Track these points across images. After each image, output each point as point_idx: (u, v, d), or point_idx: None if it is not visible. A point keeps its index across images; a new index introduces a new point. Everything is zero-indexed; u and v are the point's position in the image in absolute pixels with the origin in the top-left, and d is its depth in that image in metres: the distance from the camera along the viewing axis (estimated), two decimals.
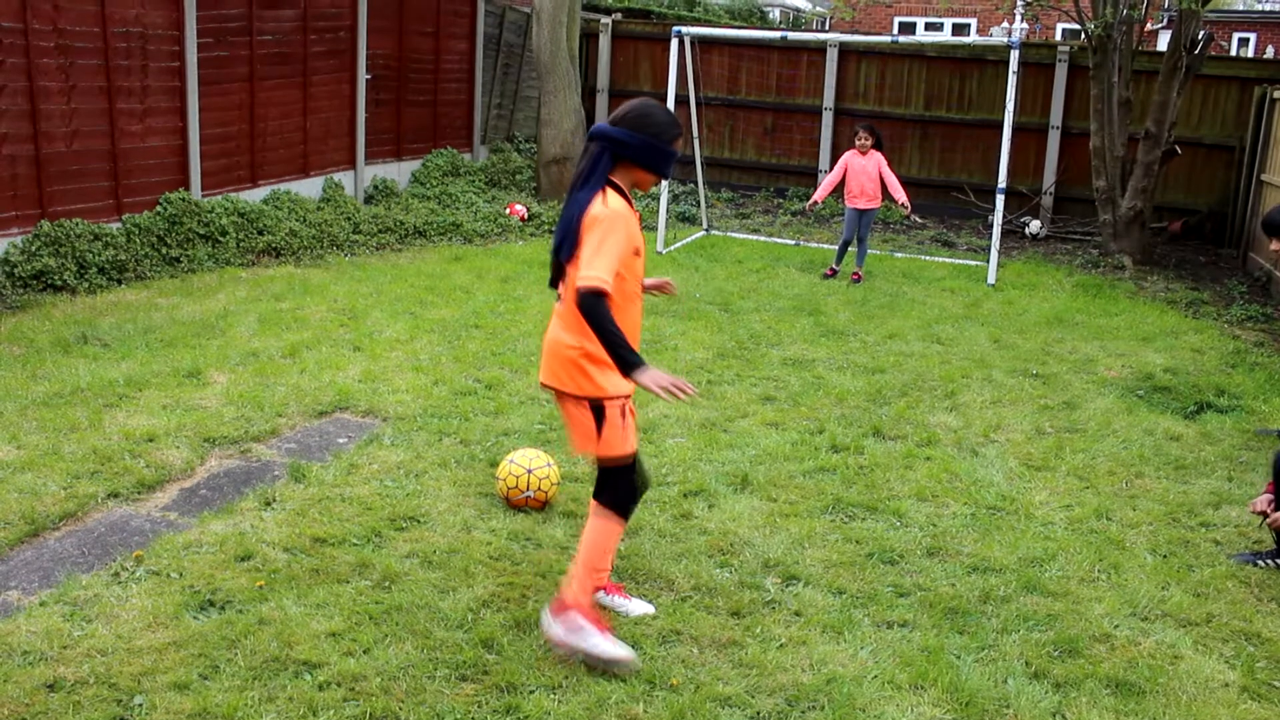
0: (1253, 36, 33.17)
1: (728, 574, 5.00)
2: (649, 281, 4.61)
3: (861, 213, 11.30)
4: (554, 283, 4.26)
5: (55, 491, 5.43)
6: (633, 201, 4.20)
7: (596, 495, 4.34)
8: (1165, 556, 5.42)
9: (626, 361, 3.95)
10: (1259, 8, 33.73)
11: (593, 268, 3.93)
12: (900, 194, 11.13)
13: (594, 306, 3.89)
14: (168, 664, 4.06)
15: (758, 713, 4.00)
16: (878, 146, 11.32)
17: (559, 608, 4.24)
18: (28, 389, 6.81)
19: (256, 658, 4.12)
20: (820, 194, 11.69)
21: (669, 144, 4.18)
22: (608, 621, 4.36)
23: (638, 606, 4.61)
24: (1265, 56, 29.64)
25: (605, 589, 4.57)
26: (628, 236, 4.04)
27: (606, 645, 4.18)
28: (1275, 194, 12.36)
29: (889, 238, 14.15)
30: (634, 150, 4.12)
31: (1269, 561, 5.32)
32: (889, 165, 11.31)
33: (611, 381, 4.16)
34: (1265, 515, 5.33)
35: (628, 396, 4.25)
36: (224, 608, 4.48)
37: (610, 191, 4.10)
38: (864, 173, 11.24)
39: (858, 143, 11.33)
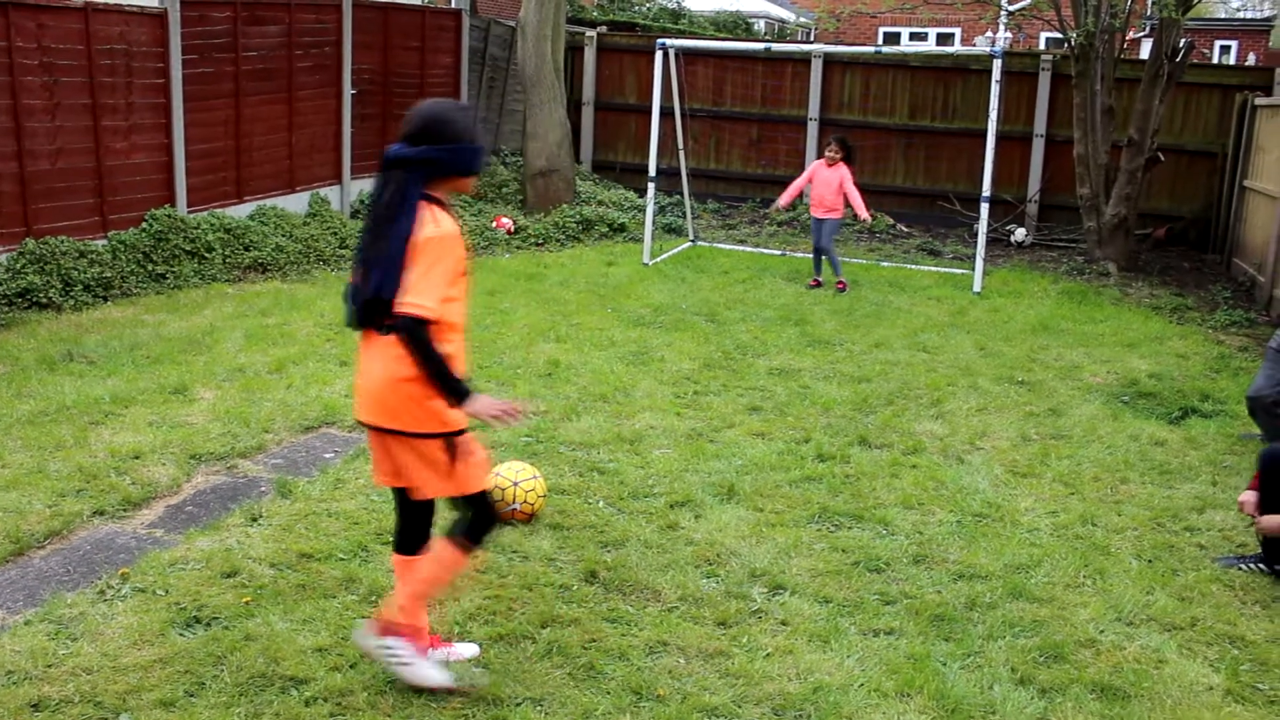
0: (1234, 44, 33.35)
1: (714, 584, 5.01)
2: None
3: (820, 222, 11.38)
4: (372, 323, 3.87)
5: (40, 510, 5.41)
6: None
7: (462, 531, 4.01)
8: (1150, 561, 5.44)
9: (457, 392, 3.76)
10: (1240, 15, 33.93)
11: (418, 294, 3.68)
12: (860, 210, 11.21)
13: (418, 335, 3.68)
14: (154, 681, 4.06)
15: None
16: (848, 160, 11.37)
17: (384, 629, 4.06)
18: (13, 407, 6.79)
19: (243, 674, 4.12)
20: (784, 198, 11.83)
21: (475, 138, 3.91)
22: (427, 641, 4.17)
23: (464, 649, 4.31)
24: (1247, 64, 29.81)
25: (434, 644, 4.22)
26: (457, 260, 3.81)
27: (430, 673, 4.05)
28: (1258, 199, 12.44)
29: (875, 246, 14.20)
30: (449, 165, 3.85)
31: (1253, 565, 5.35)
32: (853, 179, 11.34)
33: (456, 413, 3.89)
34: (1255, 518, 5.36)
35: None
36: (210, 624, 4.47)
37: (437, 210, 3.82)
38: (825, 184, 11.32)
39: (827, 153, 11.43)
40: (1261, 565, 5.33)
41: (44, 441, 6.27)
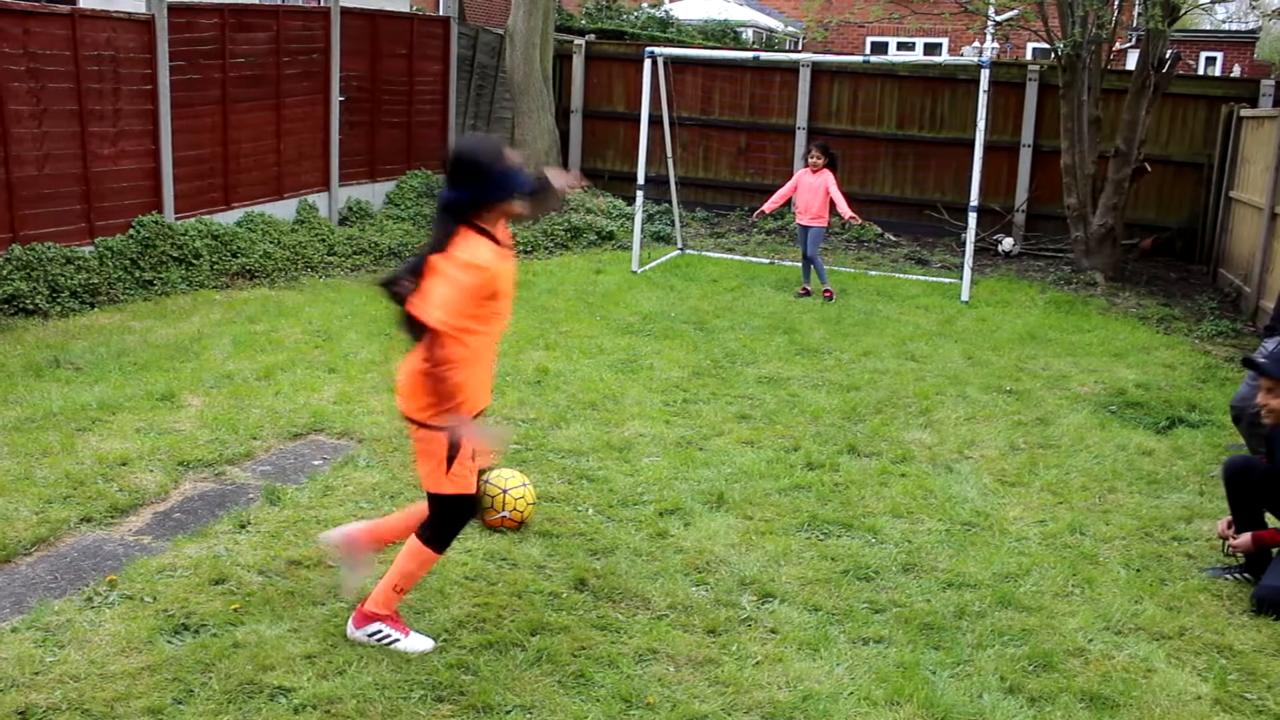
0: (1219, 56, 33.54)
1: (704, 592, 5.01)
2: None
3: (806, 229, 11.42)
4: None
5: (27, 516, 5.39)
6: (503, 240, 4.22)
7: (421, 528, 4.35)
8: (1138, 570, 5.46)
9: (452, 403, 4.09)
10: (1226, 27, 34.13)
11: (437, 307, 3.98)
12: (845, 210, 11.25)
13: (434, 341, 3.99)
14: (141, 689, 4.04)
15: None
16: (830, 166, 11.41)
17: (364, 618, 4.40)
18: None
19: (231, 681, 4.10)
20: (769, 205, 11.85)
21: (505, 164, 4.13)
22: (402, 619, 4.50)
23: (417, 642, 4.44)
24: (1232, 75, 29.97)
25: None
26: (484, 286, 4.06)
27: (412, 644, 4.38)
28: (1243, 211, 12.50)
29: (863, 255, 14.23)
30: (486, 199, 4.11)
31: (1240, 575, 5.37)
32: (837, 184, 11.39)
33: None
34: (1226, 540, 5.40)
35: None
36: (198, 631, 4.46)
37: (481, 239, 4.10)
38: (810, 190, 11.37)
39: (810, 160, 11.48)
40: (1247, 575, 5.35)
41: (31, 448, 6.24)
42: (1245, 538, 5.29)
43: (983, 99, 11.46)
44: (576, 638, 4.54)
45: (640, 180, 12.65)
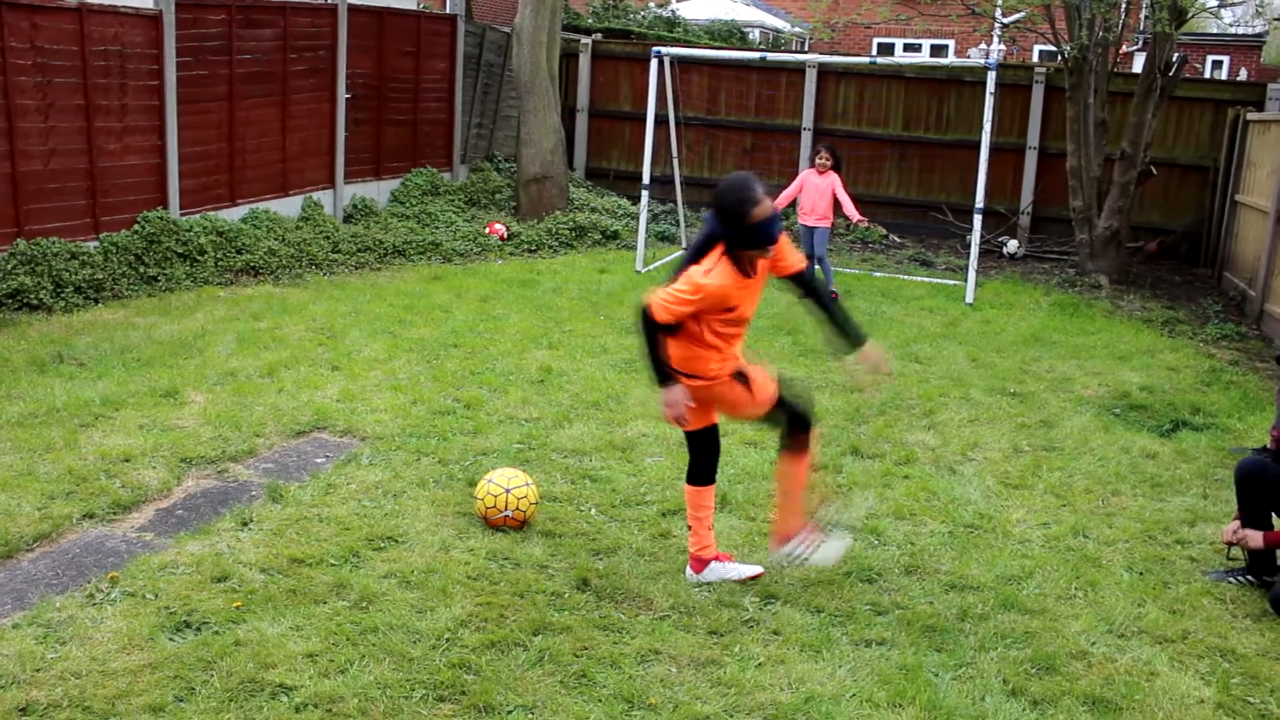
0: (1226, 59, 33.51)
1: (706, 593, 5.00)
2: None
3: (811, 230, 11.39)
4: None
5: (29, 512, 5.39)
6: (750, 270, 4.79)
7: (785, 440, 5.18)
8: (1141, 574, 5.45)
9: (658, 374, 4.83)
10: (1232, 31, 34.09)
11: (657, 295, 4.70)
12: (852, 212, 11.22)
13: (642, 318, 4.70)
14: (143, 686, 4.03)
15: None
16: (836, 167, 11.40)
17: (780, 540, 5.11)
18: (2, 409, 6.76)
19: (233, 679, 4.10)
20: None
21: (753, 219, 4.64)
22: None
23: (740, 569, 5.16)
24: (1238, 79, 29.93)
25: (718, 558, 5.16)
26: (704, 301, 4.66)
27: (733, 570, 5.10)
28: (1249, 214, 12.48)
29: (868, 257, 14.21)
30: (732, 242, 4.72)
31: (1243, 578, 5.36)
32: (843, 185, 11.37)
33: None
34: (1232, 545, 5.36)
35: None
36: (200, 629, 4.45)
37: (724, 263, 4.72)
38: (816, 191, 11.34)
39: (817, 161, 11.45)
40: (1250, 578, 5.34)
41: (33, 443, 6.24)
42: (1256, 535, 5.24)
43: (989, 101, 11.45)
44: (579, 638, 4.53)
45: (645, 180, 12.64)
